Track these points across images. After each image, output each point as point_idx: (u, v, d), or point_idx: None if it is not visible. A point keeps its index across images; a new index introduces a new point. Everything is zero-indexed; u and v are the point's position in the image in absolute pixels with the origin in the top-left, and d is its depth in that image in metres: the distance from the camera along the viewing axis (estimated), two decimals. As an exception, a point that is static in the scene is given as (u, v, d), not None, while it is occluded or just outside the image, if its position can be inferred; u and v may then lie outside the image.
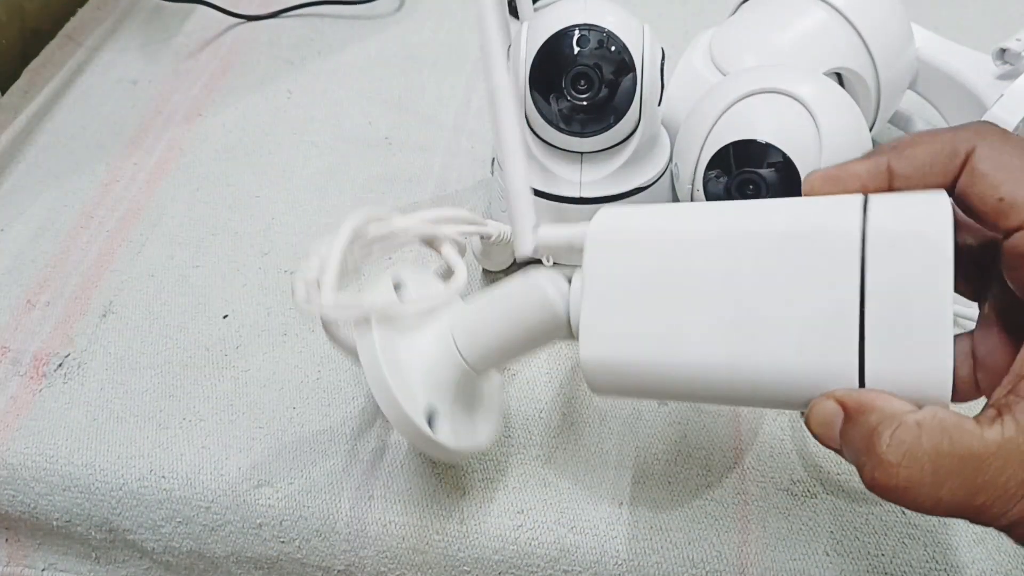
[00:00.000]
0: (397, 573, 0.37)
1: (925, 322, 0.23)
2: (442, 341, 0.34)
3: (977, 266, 0.27)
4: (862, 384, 0.24)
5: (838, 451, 0.25)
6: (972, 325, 0.28)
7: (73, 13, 0.69)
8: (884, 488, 0.23)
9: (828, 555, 0.35)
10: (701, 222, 0.28)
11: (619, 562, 0.36)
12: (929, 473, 0.22)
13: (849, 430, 0.24)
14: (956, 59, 0.48)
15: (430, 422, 0.32)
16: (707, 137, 0.39)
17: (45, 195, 0.53)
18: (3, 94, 0.61)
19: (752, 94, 0.38)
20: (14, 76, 0.62)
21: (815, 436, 0.25)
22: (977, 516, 0.22)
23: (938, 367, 0.23)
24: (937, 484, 0.22)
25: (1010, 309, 0.26)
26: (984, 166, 0.24)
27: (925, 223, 0.24)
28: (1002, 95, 0.43)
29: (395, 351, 0.32)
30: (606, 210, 0.30)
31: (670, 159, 0.44)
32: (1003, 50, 0.46)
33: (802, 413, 0.26)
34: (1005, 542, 0.35)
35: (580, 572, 0.36)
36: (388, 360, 0.31)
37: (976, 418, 0.22)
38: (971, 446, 0.22)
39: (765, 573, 0.35)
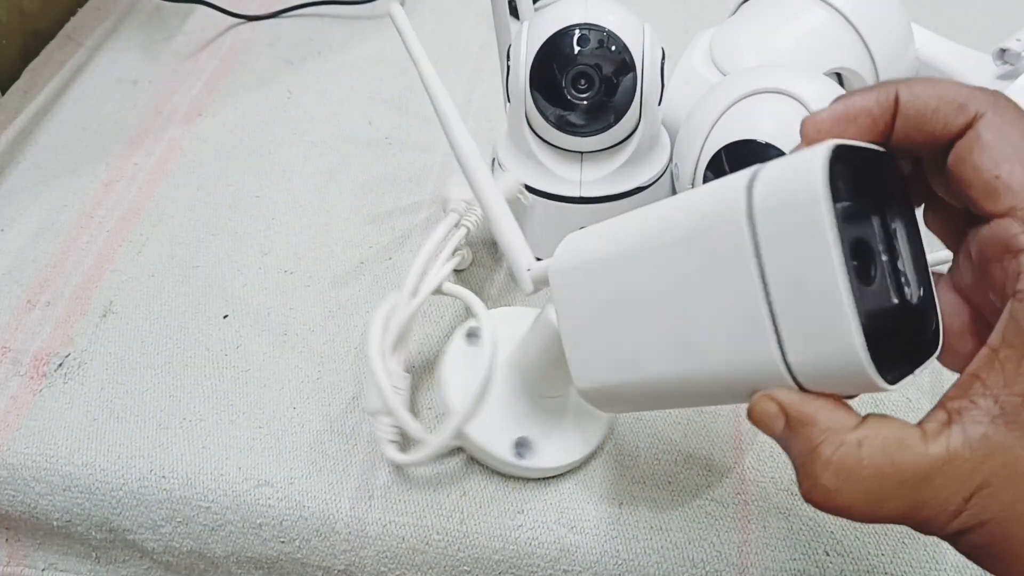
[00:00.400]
0: (397, 573, 0.37)
1: (822, 305, 0.21)
2: (510, 378, 0.37)
3: (957, 216, 0.25)
4: (794, 375, 0.23)
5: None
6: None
7: (73, 13, 0.69)
8: (821, 507, 0.22)
9: (828, 555, 0.35)
10: (628, 238, 0.27)
11: (619, 562, 0.36)
12: (868, 496, 0.21)
13: (789, 437, 0.23)
14: (956, 59, 0.48)
15: (523, 450, 0.37)
16: (707, 137, 0.39)
17: (45, 195, 0.53)
18: (3, 94, 0.61)
19: (752, 94, 0.38)
20: (14, 76, 0.62)
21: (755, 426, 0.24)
22: (918, 527, 0.22)
23: (847, 351, 0.21)
24: (876, 505, 0.21)
25: (973, 281, 0.25)
26: (989, 136, 0.22)
27: (797, 194, 0.21)
28: (1002, 95, 0.43)
29: (482, 414, 0.36)
30: (568, 238, 0.30)
31: (670, 159, 0.44)
32: (1003, 50, 0.46)
33: None
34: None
35: (580, 572, 0.36)
36: (482, 433, 0.36)
37: (923, 424, 0.21)
38: (914, 464, 0.21)
39: (765, 573, 0.35)
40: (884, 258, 0.23)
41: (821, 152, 0.21)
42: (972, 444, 0.20)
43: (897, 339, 0.23)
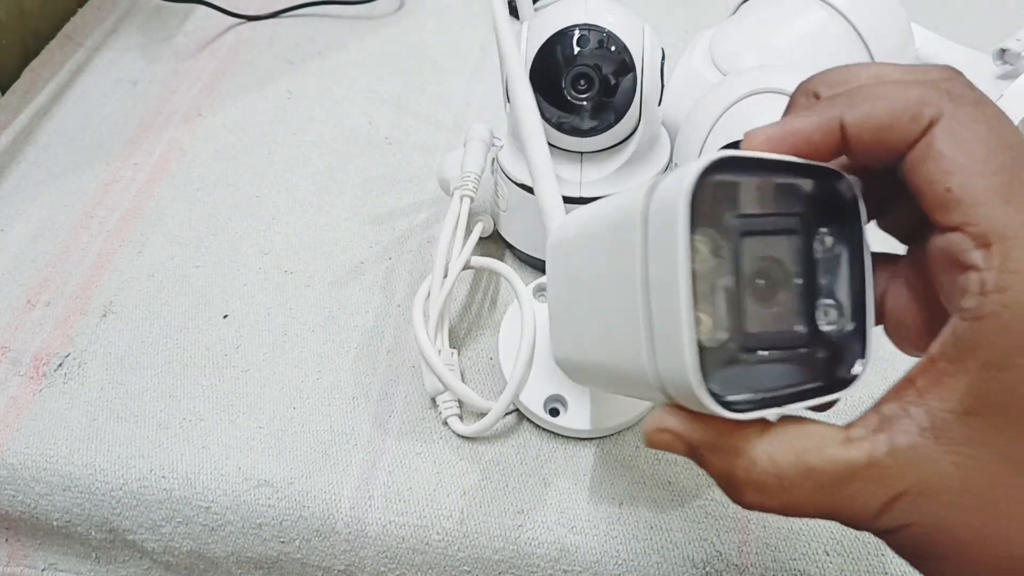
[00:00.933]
0: (397, 573, 0.37)
1: (671, 321, 0.21)
2: (546, 342, 0.38)
3: (911, 222, 0.24)
4: (666, 389, 0.22)
5: None
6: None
7: (73, 13, 0.69)
8: (751, 510, 0.22)
9: (828, 555, 0.35)
10: (582, 225, 0.27)
11: (619, 562, 0.36)
12: (789, 503, 0.21)
13: (699, 461, 0.23)
14: (956, 59, 0.48)
15: (558, 409, 0.39)
16: (707, 137, 0.39)
17: (45, 195, 0.53)
18: (3, 94, 0.61)
19: (752, 94, 0.38)
20: (14, 76, 0.62)
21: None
22: (845, 524, 0.22)
23: (684, 376, 0.20)
24: (799, 509, 0.21)
25: (923, 278, 0.24)
26: (943, 144, 0.20)
27: (667, 206, 0.21)
28: (1002, 95, 0.43)
29: (530, 379, 0.37)
30: (573, 213, 0.31)
31: (670, 159, 0.44)
32: (1003, 50, 0.46)
33: None
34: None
35: (580, 572, 0.36)
36: (528, 397, 0.39)
37: (851, 428, 0.21)
38: (830, 470, 0.21)
39: (765, 573, 0.35)
40: (799, 281, 0.22)
41: (694, 168, 0.20)
42: (897, 453, 0.20)
43: (792, 369, 0.22)
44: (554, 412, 0.39)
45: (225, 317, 0.45)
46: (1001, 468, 0.20)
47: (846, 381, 0.23)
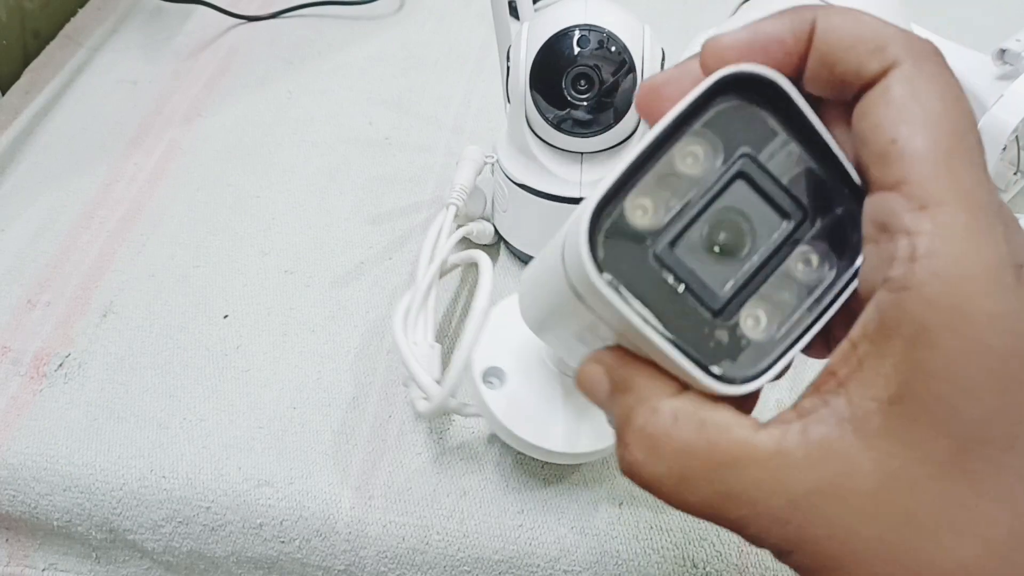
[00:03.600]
0: (397, 573, 0.37)
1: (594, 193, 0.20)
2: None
3: None
4: (574, 285, 0.20)
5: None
6: None
7: (74, 13, 0.69)
8: (630, 478, 0.20)
9: (828, 555, 0.35)
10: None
11: (619, 562, 0.36)
12: (673, 473, 0.19)
13: (611, 404, 0.20)
14: (956, 59, 0.48)
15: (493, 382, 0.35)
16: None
17: (46, 195, 0.53)
18: (4, 94, 0.61)
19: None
20: (15, 76, 0.62)
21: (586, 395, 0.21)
22: (737, 529, 0.19)
23: (579, 224, 0.19)
24: (682, 485, 0.19)
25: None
26: (900, 90, 0.18)
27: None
28: (1002, 95, 0.43)
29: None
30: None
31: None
32: (1003, 51, 0.46)
33: None
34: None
35: (580, 572, 0.36)
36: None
37: (771, 420, 0.19)
38: (728, 448, 0.18)
39: (765, 573, 0.35)
40: (756, 264, 0.19)
41: (754, 67, 0.19)
42: (809, 445, 0.18)
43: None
44: (489, 384, 0.35)
45: (225, 317, 0.45)
46: (923, 471, 0.17)
47: (720, 378, 0.19)
